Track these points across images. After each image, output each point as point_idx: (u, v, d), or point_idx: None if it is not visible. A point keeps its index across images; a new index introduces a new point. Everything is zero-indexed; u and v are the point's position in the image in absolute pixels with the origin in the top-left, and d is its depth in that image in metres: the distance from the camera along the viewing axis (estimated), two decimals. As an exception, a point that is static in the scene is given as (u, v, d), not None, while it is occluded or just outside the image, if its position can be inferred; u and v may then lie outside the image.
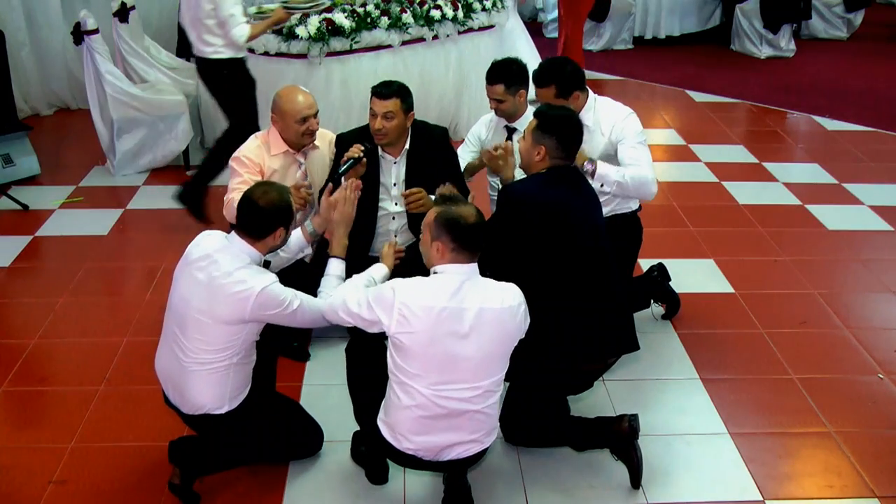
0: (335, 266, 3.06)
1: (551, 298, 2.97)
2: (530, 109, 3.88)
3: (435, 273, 2.67)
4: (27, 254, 4.79)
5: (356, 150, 3.45)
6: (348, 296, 2.73)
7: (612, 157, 3.60)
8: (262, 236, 2.81)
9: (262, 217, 2.78)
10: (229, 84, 4.80)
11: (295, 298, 2.82)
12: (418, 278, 2.66)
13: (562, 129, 3.07)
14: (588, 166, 3.45)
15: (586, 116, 3.61)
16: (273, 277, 2.79)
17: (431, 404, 2.61)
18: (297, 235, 3.14)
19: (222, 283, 2.72)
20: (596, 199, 3.20)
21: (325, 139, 3.82)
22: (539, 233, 2.98)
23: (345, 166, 3.42)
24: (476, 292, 2.62)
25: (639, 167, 3.54)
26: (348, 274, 3.79)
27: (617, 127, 3.60)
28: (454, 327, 2.57)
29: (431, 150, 3.60)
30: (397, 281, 2.65)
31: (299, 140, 3.64)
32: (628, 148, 3.58)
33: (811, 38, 10.07)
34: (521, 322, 2.70)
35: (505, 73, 3.72)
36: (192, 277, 2.78)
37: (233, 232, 2.83)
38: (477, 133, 4.00)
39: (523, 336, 2.75)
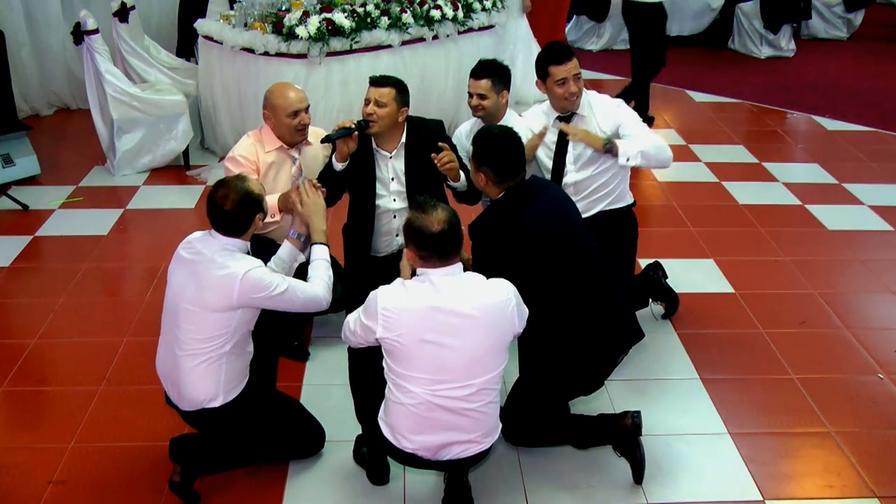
0: (319, 251, 3.10)
1: (554, 309, 2.96)
2: (509, 113, 3.89)
3: (417, 275, 2.68)
4: (27, 254, 4.79)
5: (349, 122, 3.51)
6: (350, 317, 2.76)
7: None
8: (241, 233, 2.85)
9: (234, 220, 2.81)
10: (652, 22, 6.67)
11: (283, 282, 2.83)
12: (400, 281, 2.66)
13: (493, 156, 3.00)
14: (610, 147, 3.53)
15: (580, 105, 3.70)
16: (257, 262, 2.81)
17: (427, 404, 2.62)
18: (287, 248, 3.15)
19: (207, 270, 2.75)
20: (566, 199, 3.19)
21: (317, 136, 3.83)
22: (518, 257, 2.94)
23: (336, 133, 3.47)
24: (461, 290, 2.62)
25: (652, 137, 3.66)
26: (350, 275, 3.83)
27: (611, 115, 3.68)
28: (440, 327, 2.57)
29: (429, 143, 3.61)
30: (381, 287, 2.66)
31: (292, 135, 3.64)
32: (633, 127, 3.66)
33: (811, 38, 10.08)
34: (512, 316, 2.68)
35: (493, 70, 3.79)
36: (181, 271, 2.83)
37: (212, 230, 2.85)
38: (462, 145, 3.93)
39: (520, 331, 2.74)
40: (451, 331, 2.58)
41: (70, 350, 3.88)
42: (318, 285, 2.98)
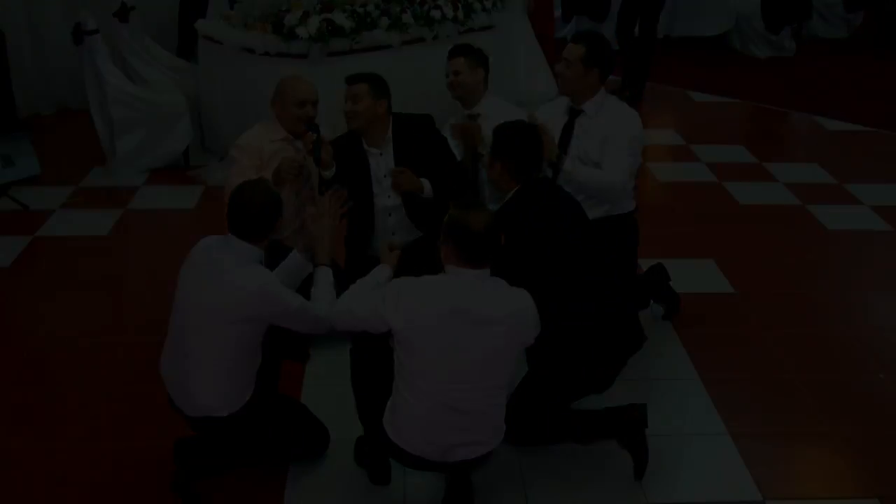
0: (323, 274, 3.07)
1: (567, 307, 2.97)
2: (488, 97, 3.99)
3: (444, 272, 2.67)
4: (27, 254, 4.79)
5: (308, 139, 3.57)
6: (355, 302, 2.74)
7: (599, 150, 3.61)
8: (262, 238, 2.83)
9: (258, 221, 2.80)
10: None
11: (295, 299, 2.83)
12: (425, 277, 2.66)
13: (513, 147, 3.05)
14: (557, 166, 3.46)
15: (589, 106, 3.65)
16: (273, 276, 2.80)
17: (437, 404, 2.61)
18: (295, 258, 3.13)
19: (223, 282, 2.73)
20: (578, 203, 3.21)
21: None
22: (548, 243, 2.96)
23: (315, 151, 3.52)
24: (483, 293, 2.61)
25: (608, 173, 3.56)
26: (349, 274, 3.83)
27: (614, 123, 3.61)
28: (459, 327, 2.56)
29: (417, 138, 3.67)
30: (404, 279, 2.65)
31: (294, 125, 3.66)
32: (611, 149, 3.58)
33: (811, 38, 10.07)
34: (529, 325, 2.68)
35: (465, 49, 4.02)
36: (195, 278, 2.80)
37: (229, 234, 2.83)
38: (449, 135, 3.99)
39: (532, 341, 2.74)
40: (469, 333, 2.57)
41: (70, 350, 3.88)
42: (326, 308, 2.96)
